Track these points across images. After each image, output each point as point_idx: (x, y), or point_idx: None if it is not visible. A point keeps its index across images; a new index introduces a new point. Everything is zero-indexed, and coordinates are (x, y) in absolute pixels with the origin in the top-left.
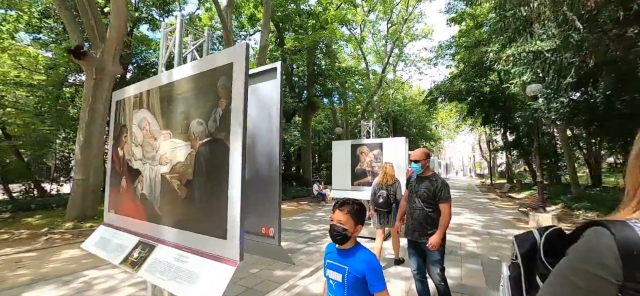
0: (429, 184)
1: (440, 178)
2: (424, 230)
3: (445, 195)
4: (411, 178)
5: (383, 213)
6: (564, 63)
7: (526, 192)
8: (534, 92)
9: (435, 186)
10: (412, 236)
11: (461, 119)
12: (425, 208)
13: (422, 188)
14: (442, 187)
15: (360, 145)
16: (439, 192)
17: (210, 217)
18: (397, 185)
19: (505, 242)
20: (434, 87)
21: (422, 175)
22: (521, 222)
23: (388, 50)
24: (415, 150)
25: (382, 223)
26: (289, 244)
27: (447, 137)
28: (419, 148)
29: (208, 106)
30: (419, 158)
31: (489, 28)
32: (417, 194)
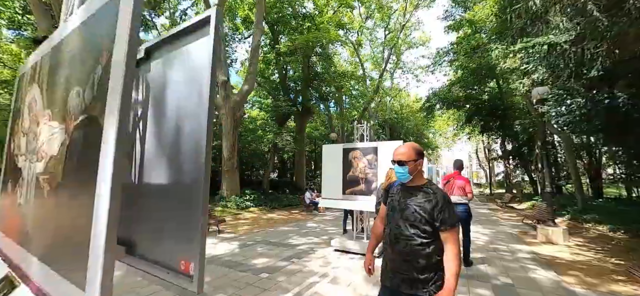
0: (423, 199)
1: (440, 189)
2: (415, 276)
3: (450, 218)
4: (391, 187)
5: None
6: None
7: (528, 203)
8: (541, 95)
9: (434, 202)
10: (392, 284)
11: (459, 127)
12: (416, 237)
13: (411, 205)
14: (444, 205)
15: (353, 149)
16: (440, 212)
17: (66, 247)
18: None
19: (515, 261)
20: (431, 93)
21: (411, 184)
22: (528, 235)
23: (385, 57)
24: (398, 146)
25: None
26: (269, 261)
27: (444, 145)
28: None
29: (89, 65)
30: (405, 158)
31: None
32: (402, 214)
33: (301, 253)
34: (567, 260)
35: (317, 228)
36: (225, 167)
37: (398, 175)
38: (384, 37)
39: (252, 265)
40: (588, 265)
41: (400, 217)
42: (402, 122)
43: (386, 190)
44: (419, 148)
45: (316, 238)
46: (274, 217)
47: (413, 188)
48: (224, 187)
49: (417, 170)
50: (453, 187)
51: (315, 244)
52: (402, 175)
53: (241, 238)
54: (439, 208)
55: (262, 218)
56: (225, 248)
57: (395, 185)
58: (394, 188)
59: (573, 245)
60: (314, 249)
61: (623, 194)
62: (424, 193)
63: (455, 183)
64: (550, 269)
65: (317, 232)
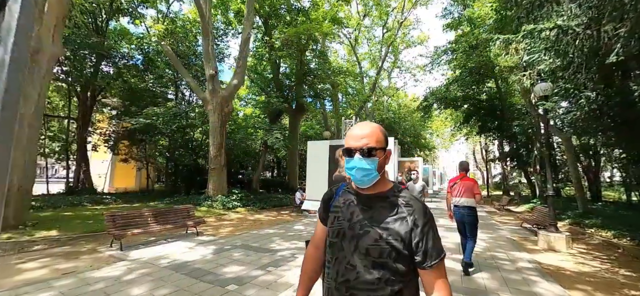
0: (392, 217)
1: (415, 198)
2: None
3: (436, 246)
4: (334, 197)
5: None
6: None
7: (526, 206)
8: (543, 92)
9: (410, 222)
10: None
11: (456, 128)
12: (384, 284)
13: (374, 229)
14: (427, 225)
15: (339, 146)
16: (423, 239)
17: None
18: None
19: (517, 272)
20: (429, 92)
21: (372, 191)
22: (528, 241)
23: (382, 54)
24: (356, 125)
25: None
26: (243, 270)
27: (441, 146)
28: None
29: None
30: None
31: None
32: (358, 245)
33: (280, 261)
34: (573, 271)
35: (304, 231)
36: (212, 165)
37: (358, 175)
38: (381, 35)
39: (222, 275)
40: (595, 276)
41: (355, 249)
42: (399, 122)
43: (326, 200)
44: (383, 131)
45: (300, 242)
46: (261, 218)
47: (374, 199)
48: (210, 186)
49: (383, 164)
50: (460, 189)
51: (298, 250)
52: (366, 174)
53: (219, 242)
54: (420, 231)
55: (248, 219)
56: (198, 254)
57: (340, 191)
58: (339, 197)
59: (577, 253)
60: (295, 255)
61: (622, 198)
62: (392, 205)
63: (463, 185)
64: (556, 282)
65: (303, 236)
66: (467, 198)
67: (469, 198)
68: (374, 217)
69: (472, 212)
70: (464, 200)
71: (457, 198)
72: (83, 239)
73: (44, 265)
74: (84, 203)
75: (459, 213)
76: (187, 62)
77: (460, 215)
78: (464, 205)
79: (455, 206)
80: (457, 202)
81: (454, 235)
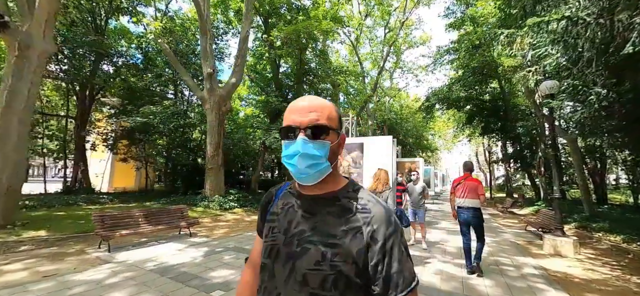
0: (342, 227)
1: (376, 200)
2: None
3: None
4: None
5: None
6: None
7: (530, 208)
8: (549, 90)
9: (366, 235)
10: None
11: (459, 129)
12: None
13: (316, 244)
14: (391, 239)
15: None
16: (383, 259)
17: None
18: (387, 193)
19: (522, 279)
20: (431, 93)
21: (314, 191)
22: (533, 245)
23: (384, 54)
24: (301, 97)
25: None
26: (231, 274)
27: (444, 147)
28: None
29: None
30: (325, 120)
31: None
32: (293, 265)
33: None
34: (582, 279)
35: None
36: (209, 165)
37: (302, 165)
38: (384, 35)
39: (209, 279)
40: (606, 285)
41: (289, 274)
42: (401, 122)
43: (264, 205)
44: (335, 109)
45: None
46: (251, 220)
47: (320, 202)
48: (207, 186)
49: (337, 152)
50: (464, 189)
51: None
52: (313, 164)
53: (212, 244)
54: (380, 248)
55: (245, 220)
56: (188, 256)
57: (281, 192)
58: (278, 201)
59: (585, 258)
60: None
61: (629, 201)
62: (342, 211)
63: (467, 186)
64: (563, 290)
65: None
66: (471, 199)
67: (473, 199)
68: (317, 227)
69: (477, 213)
70: (468, 202)
71: (461, 199)
72: (72, 240)
73: (26, 267)
74: (79, 202)
75: (463, 214)
76: (187, 60)
77: (464, 217)
78: (468, 207)
79: (459, 207)
80: (461, 203)
81: (456, 238)
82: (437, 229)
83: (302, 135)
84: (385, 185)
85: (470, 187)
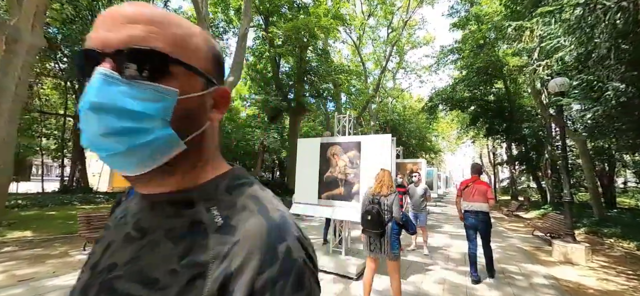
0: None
1: (264, 209)
2: None
3: None
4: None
5: (374, 236)
6: None
7: (536, 211)
8: (560, 87)
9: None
10: None
11: (463, 130)
12: None
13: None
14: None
15: (332, 144)
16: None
17: None
18: (393, 198)
19: (532, 290)
20: (434, 93)
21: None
22: (542, 252)
23: (387, 54)
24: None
25: (374, 251)
26: None
27: (447, 149)
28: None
29: None
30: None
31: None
32: None
33: None
34: (596, 289)
35: None
36: None
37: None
38: (386, 36)
39: None
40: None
41: None
42: (404, 123)
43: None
44: (214, 45)
45: None
46: None
47: (160, 210)
48: None
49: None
50: (473, 192)
51: None
52: (128, 132)
53: None
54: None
55: None
56: None
57: (127, 199)
58: (122, 206)
59: (598, 266)
60: None
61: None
62: (191, 225)
63: (476, 189)
64: None
65: None
66: (480, 202)
67: (482, 203)
68: (136, 260)
69: (486, 217)
70: (477, 205)
71: (469, 203)
72: (58, 241)
73: (4, 270)
74: (74, 202)
75: (470, 219)
76: None
77: (472, 221)
78: (477, 210)
79: (467, 211)
80: (469, 206)
81: (459, 242)
82: (440, 233)
83: (105, 66)
84: (389, 189)
85: (479, 190)
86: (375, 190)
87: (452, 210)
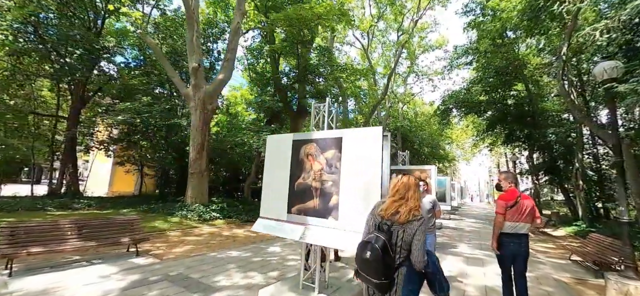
0: None
1: None
2: None
3: None
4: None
5: (373, 288)
6: None
7: (567, 229)
8: (609, 73)
9: None
10: None
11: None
12: None
13: None
14: None
15: (307, 141)
16: None
17: None
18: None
19: None
20: (447, 95)
21: None
22: (588, 287)
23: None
24: None
25: None
26: None
27: (462, 158)
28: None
29: None
30: None
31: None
32: None
33: None
34: None
35: (274, 258)
36: (191, 170)
37: None
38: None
39: None
40: None
41: None
42: (415, 131)
43: None
44: None
45: (259, 275)
46: (239, 234)
47: None
48: (189, 193)
49: None
50: (523, 210)
51: (245, 289)
52: None
53: (154, 268)
54: None
55: (222, 234)
56: (104, 288)
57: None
58: None
59: None
60: None
61: None
62: None
63: (525, 206)
64: None
65: (271, 264)
66: (528, 223)
67: (528, 224)
68: None
69: (528, 241)
70: (525, 227)
71: (514, 224)
72: None
73: None
74: (47, 207)
75: (512, 245)
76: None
77: (513, 248)
78: (522, 234)
79: (507, 235)
80: (514, 228)
81: (477, 271)
82: (453, 255)
83: None
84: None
85: (529, 208)
86: (387, 209)
87: (467, 225)
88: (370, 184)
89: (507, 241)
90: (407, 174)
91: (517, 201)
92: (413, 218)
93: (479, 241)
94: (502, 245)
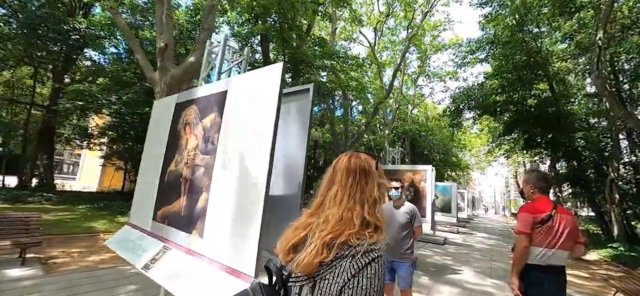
0: None
1: None
2: None
3: None
4: None
5: None
6: None
7: (602, 251)
8: None
9: None
10: None
11: (494, 144)
12: None
13: None
14: None
15: (189, 102)
16: None
17: None
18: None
19: None
20: (458, 93)
21: None
22: None
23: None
24: None
25: None
26: None
27: (477, 167)
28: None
29: None
30: None
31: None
32: None
33: None
34: None
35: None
36: None
37: None
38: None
39: None
40: None
41: None
42: (425, 135)
43: None
44: None
45: None
46: None
47: None
48: None
49: None
50: (560, 229)
51: None
52: None
53: (25, 284)
54: None
55: None
56: None
57: None
58: None
59: None
60: None
61: None
62: None
63: (563, 225)
64: None
65: None
66: (567, 250)
67: (567, 251)
68: None
69: (566, 278)
70: (565, 256)
71: (548, 250)
72: None
73: None
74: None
75: (548, 281)
76: None
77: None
78: (561, 266)
79: (538, 267)
80: (551, 258)
81: None
82: (452, 284)
83: None
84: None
85: (570, 227)
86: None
87: (478, 241)
88: (259, 176)
89: (536, 277)
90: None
91: (551, 215)
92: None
93: (488, 264)
94: (528, 284)
